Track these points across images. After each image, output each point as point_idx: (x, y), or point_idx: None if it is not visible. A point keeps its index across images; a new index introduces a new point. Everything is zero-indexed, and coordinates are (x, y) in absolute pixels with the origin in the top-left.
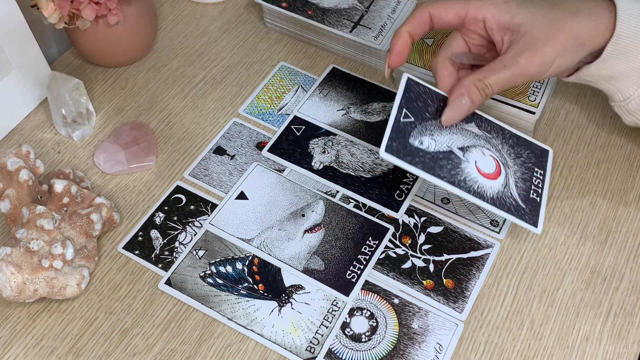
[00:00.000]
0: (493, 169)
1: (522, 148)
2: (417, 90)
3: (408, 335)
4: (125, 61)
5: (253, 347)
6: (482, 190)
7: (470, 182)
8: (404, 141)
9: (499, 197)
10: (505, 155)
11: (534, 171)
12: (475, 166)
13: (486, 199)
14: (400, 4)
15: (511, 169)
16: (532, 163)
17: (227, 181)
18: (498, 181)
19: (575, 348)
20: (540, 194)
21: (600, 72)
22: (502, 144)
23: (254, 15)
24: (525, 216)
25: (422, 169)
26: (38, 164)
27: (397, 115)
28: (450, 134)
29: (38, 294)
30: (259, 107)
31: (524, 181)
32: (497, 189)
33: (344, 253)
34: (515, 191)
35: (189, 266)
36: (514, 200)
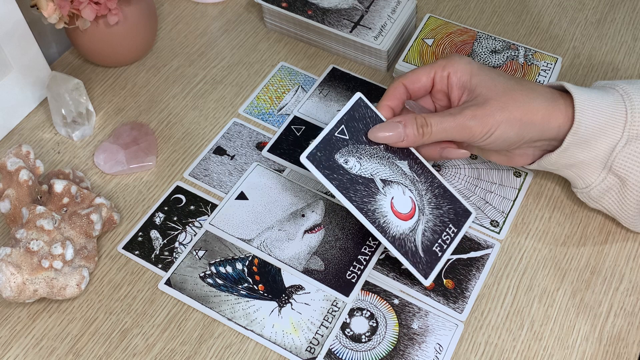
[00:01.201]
0: (407, 210)
1: (445, 201)
2: (364, 112)
3: (408, 335)
4: (125, 61)
5: (253, 348)
6: (387, 226)
7: (378, 215)
8: (329, 155)
9: (401, 238)
10: (425, 203)
11: (448, 227)
12: (390, 202)
13: (387, 236)
14: (400, 4)
15: (425, 217)
16: (448, 219)
17: (227, 181)
18: (407, 223)
19: (575, 348)
20: (444, 249)
21: (561, 161)
22: (427, 190)
23: (254, 15)
24: (419, 265)
25: (336, 186)
26: (38, 164)
27: (333, 129)
28: (379, 164)
29: (38, 294)
30: (259, 107)
31: (433, 233)
32: (402, 230)
33: (344, 253)
34: (420, 239)
35: (189, 266)
36: (414, 247)
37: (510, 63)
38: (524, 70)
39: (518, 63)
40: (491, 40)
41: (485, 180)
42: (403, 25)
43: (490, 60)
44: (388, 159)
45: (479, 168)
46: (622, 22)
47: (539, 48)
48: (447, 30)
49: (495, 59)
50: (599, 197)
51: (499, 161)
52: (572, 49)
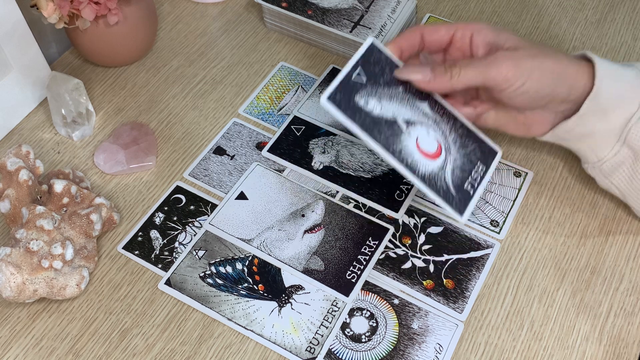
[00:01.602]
0: (433, 150)
1: (470, 141)
2: (378, 57)
3: (408, 335)
4: (125, 61)
5: (253, 348)
6: (415, 166)
7: (405, 155)
8: (348, 97)
9: (431, 177)
10: (450, 142)
11: (476, 165)
12: (415, 142)
13: (417, 175)
14: (400, 4)
15: (452, 156)
16: (476, 157)
17: (227, 181)
18: (435, 162)
19: (575, 348)
20: (475, 187)
21: (577, 129)
22: (451, 131)
23: (254, 15)
24: (452, 202)
25: (360, 126)
26: (38, 164)
27: (350, 71)
28: (399, 105)
29: (38, 294)
30: (259, 107)
31: (462, 171)
32: (431, 169)
33: (344, 253)
34: (450, 177)
35: (189, 266)
36: (445, 185)
37: None
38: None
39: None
40: None
41: None
42: (403, 25)
43: None
44: (408, 101)
45: None
46: (622, 22)
47: None
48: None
49: None
50: (610, 172)
51: (516, 131)
52: (572, 49)
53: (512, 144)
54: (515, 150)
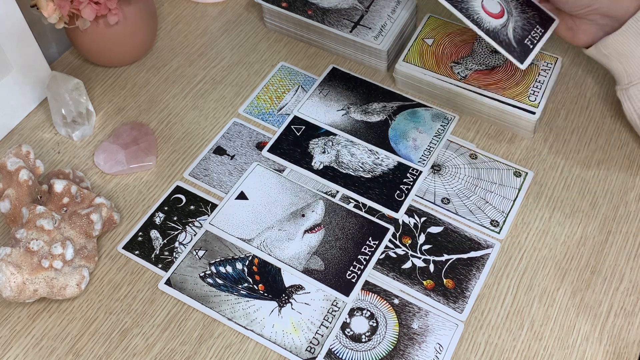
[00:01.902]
0: (497, 10)
1: (530, 8)
2: None
3: (408, 335)
4: (125, 61)
5: (253, 348)
6: (481, 21)
7: (472, 12)
8: None
9: (494, 31)
10: (512, 7)
11: (535, 26)
12: (481, 4)
13: (482, 28)
14: (400, 4)
15: (514, 17)
16: (535, 21)
17: (227, 181)
18: (498, 21)
19: (575, 348)
20: (535, 43)
21: (615, 46)
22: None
23: (254, 15)
24: (513, 52)
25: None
26: (38, 164)
27: None
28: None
29: (38, 294)
30: (259, 107)
31: (523, 30)
32: (494, 25)
33: (344, 253)
34: (511, 33)
35: (189, 266)
36: (507, 39)
37: (510, 63)
38: (524, 70)
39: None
40: None
41: (485, 180)
42: (403, 25)
43: (490, 60)
44: None
45: (479, 168)
46: None
47: None
48: (447, 30)
49: (495, 58)
50: (634, 97)
51: (565, 35)
52: (572, 48)
53: (512, 143)
54: (515, 150)
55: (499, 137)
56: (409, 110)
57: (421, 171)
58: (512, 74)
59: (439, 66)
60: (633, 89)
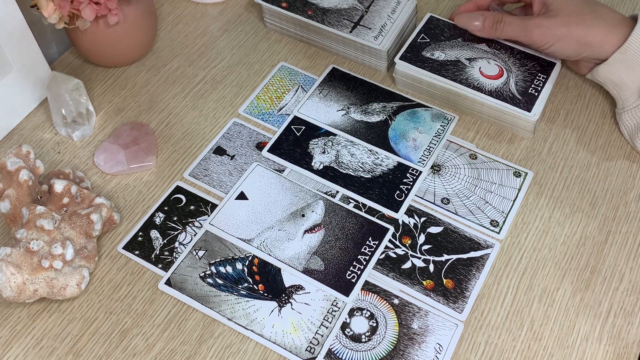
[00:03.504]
0: (496, 72)
1: (528, 61)
2: (437, 24)
3: (408, 335)
4: (125, 61)
5: (253, 348)
6: (482, 86)
7: (471, 81)
8: (417, 53)
9: (497, 91)
10: (510, 64)
11: (537, 75)
12: (479, 71)
13: (484, 92)
14: (400, 4)
15: (513, 73)
16: (536, 70)
17: (227, 181)
18: (498, 81)
19: (575, 348)
20: (539, 90)
21: (606, 75)
22: (509, 56)
23: (254, 15)
24: (519, 104)
25: (430, 71)
26: (38, 164)
27: (415, 37)
28: (461, 49)
29: (38, 294)
30: (259, 107)
31: (525, 81)
32: (496, 85)
33: (344, 253)
34: (514, 87)
35: (189, 266)
36: (511, 94)
37: None
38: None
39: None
40: None
41: (485, 180)
42: (403, 25)
43: None
44: (468, 45)
45: (479, 168)
46: None
47: None
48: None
49: None
50: (627, 122)
51: (571, 67)
52: None
53: (512, 143)
54: (515, 150)
55: (499, 137)
56: (409, 111)
57: (421, 171)
58: None
59: None
60: (625, 115)
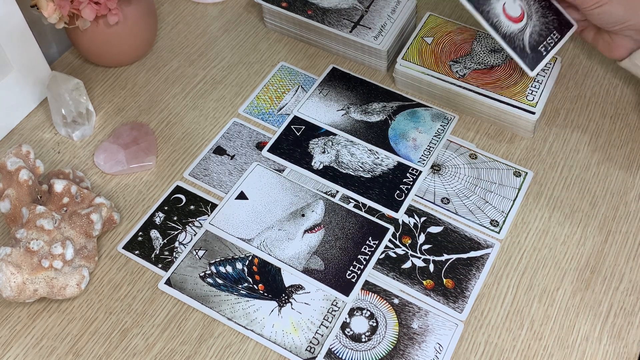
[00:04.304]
0: (517, 14)
1: (550, 12)
2: None
3: (408, 335)
4: (125, 61)
5: (253, 347)
6: (499, 25)
7: (492, 16)
8: None
9: (511, 36)
10: (533, 11)
11: (552, 32)
12: (502, 6)
13: (499, 33)
14: (400, 4)
15: (532, 22)
16: (553, 26)
17: (227, 181)
18: (517, 25)
19: (575, 348)
20: (548, 50)
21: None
22: (535, 2)
23: (254, 15)
24: (525, 59)
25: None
26: (38, 164)
27: None
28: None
29: (38, 294)
30: (259, 107)
31: (539, 36)
32: (512, 29)
33: (344, 253)
34: (527, 39)
35: (189, 266)
36: (522, 44)
37: (509, 62)
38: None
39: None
40: (490, 39)
41: (485, 180)
42: (403, 25)
43: (489, 59)
44: None
45: (479, 168)
46: None
47: None
48: (447, 29)
49: (494, 58)
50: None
51: (603, 50)
52: (571, 48)
53: (512, 143)
54: (515, 150)
55: (499, 137)
56: (409, 110)
57: (421, 171)
58: (511, 74)
59: (438, 65)
60: None
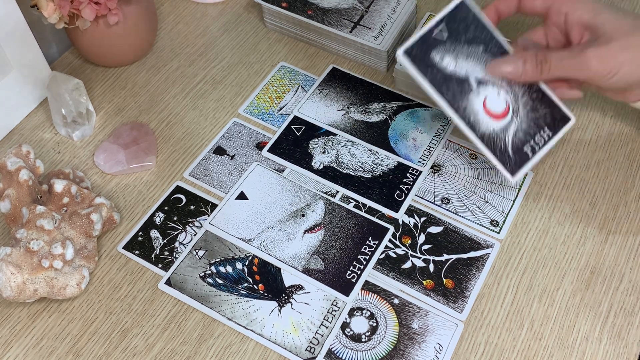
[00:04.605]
0: (500, 110)
1: (543, 105)
2: (466, 15)
3: (408, 335)
4: (125, 61)
5: (253, 347)
6: (477, 124)
7: (469, 113)
8: (425, 52)
9: (491, 136)
10: (521, 105)
11: (543, 129)
12: (483, 101)
13: (477, 133)
14: (400, 4)
15: (519, 119)
16: (545, 122)
17: (227, 181)
18: (498, 123)
19: (575, 348)
20: (536, 151)
21: None
22: (524, 94)
23: (254, 15)
24: (505, 162)
25: (430, 81)
26: (38, 164)
27: (433, 27)
28: (475, 64)
29: (38, 294)
30: (259, 107)
31: (526, 134)
32: (493, 128)
33: (344, 253)
34: (511, 138)
35: (189, 266)
36: (504, 145)
37: None
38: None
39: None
40: None
41: (485, 180)
42: (403, 25)
43: None
44: (486, 60)
45: (479, 168)
46: None
47: None
48: None
49: None
50: None
51: (615, 97)
52: None
53: None
54: None
55: None
56: (409, 110)
57: (421, 171)
58: None
59: None
60: None
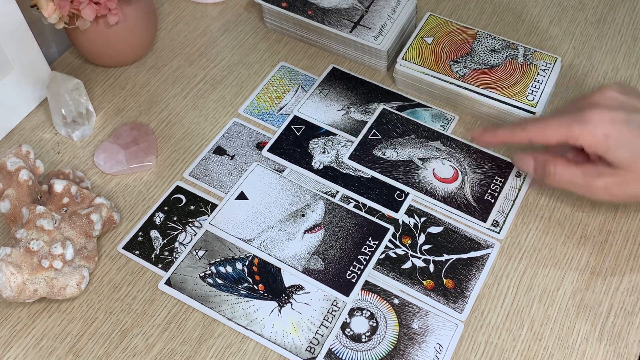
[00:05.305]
0: (450, 175)
1: (485, 161)
2: (390, 117)
3: (408, 335)
4: (125, 61)
5: (253, 348)
6: (434, 191)
7: (424, 184)
8: (367, 152)
9: (450, 197)
10: (466, 166)
11: (494, 179)
12: (432, 173)
13: (437, 197)
14: (400, 4)
15: (469, 177)
16: (493, 173)
17: (227, 181)
18: (452, 185)
19: (575, 348)
20: (496, 197)
21: None
22: (465, 157)
23: (254, 15)
24: (474, 212)
25: (380, 172)
26: (38, 164)
27: (366, 134)
28: (414, 148)
29: (38, 294)
30: (259, 107)
31: (481, 186)
32: (450, 190)
33: (344, 253)
34: (469, 193)
35: (189, 266)
36: (466, 200)
37: (509, 62)
38: (523, 70)
39: (517, 62)
40: (491, 39)
41: None
42: (403, 25)
43: (489, 59)
44: (421, 143)
45: None
46: (622, 22)
47: (538, 48)
48: (447, 29)
49: (495, 58)
50: None
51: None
52: (572, 49)
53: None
54: (515, 151)
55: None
56: (409, 111)
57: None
58: (511, 74)
59: (438, 65)
60: None
